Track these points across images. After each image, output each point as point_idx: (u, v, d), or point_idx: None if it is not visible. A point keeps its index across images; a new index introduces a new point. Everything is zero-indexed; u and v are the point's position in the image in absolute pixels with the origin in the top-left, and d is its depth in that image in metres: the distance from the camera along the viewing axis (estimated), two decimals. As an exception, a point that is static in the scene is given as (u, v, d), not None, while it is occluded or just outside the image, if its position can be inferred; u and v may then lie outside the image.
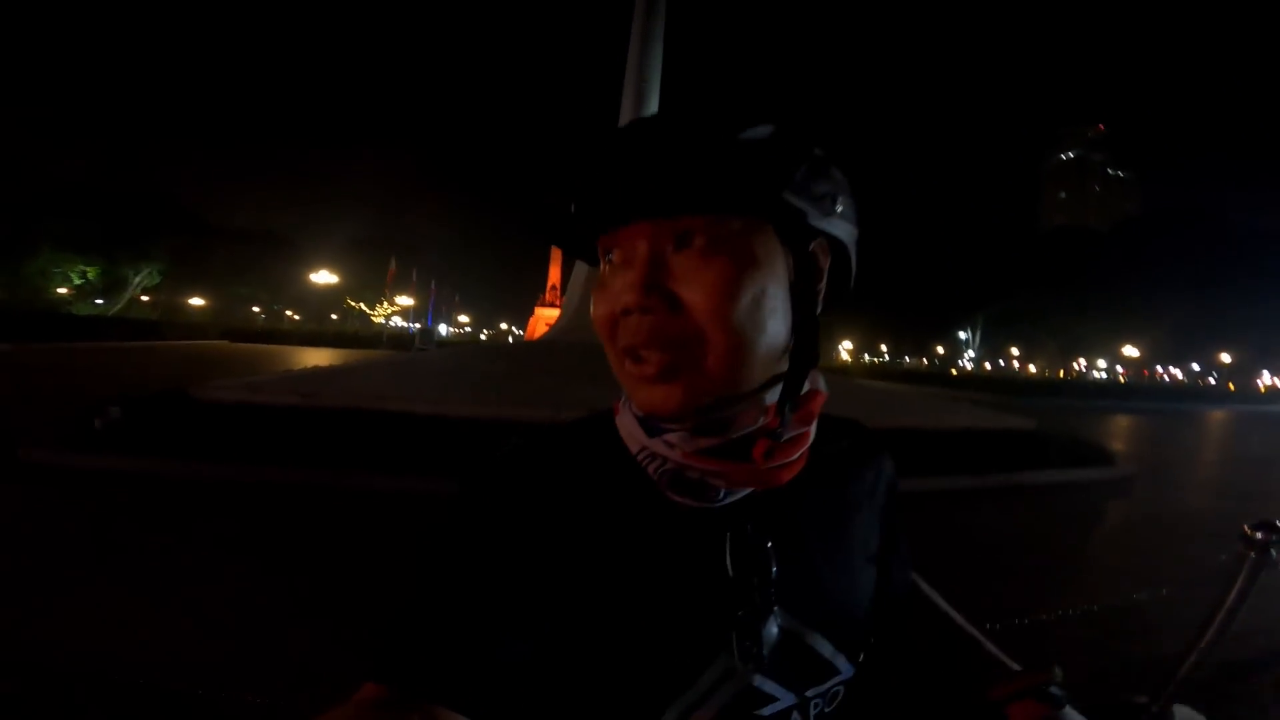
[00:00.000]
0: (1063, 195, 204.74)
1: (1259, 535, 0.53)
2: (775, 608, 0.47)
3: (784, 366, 0.47)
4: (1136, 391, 38.37)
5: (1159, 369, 69.75)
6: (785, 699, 0.47)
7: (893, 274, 67.51)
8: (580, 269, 14.54)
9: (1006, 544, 4.94)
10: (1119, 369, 69.59)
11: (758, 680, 0.46)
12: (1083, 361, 70.73)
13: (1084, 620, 3.29)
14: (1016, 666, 0.55)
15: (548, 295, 48.25)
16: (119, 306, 50.01)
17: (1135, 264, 54.86)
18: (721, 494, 0.46)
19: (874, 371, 47.54)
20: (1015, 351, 71.19)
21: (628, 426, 0.49)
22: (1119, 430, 16.26)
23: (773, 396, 0.47)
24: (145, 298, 54.38)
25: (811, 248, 0.48)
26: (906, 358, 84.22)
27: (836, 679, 0.50)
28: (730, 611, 0.45)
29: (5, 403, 9.27)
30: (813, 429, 0.49)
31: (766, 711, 0.47)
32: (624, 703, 0.44)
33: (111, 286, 49.83)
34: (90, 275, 47.19)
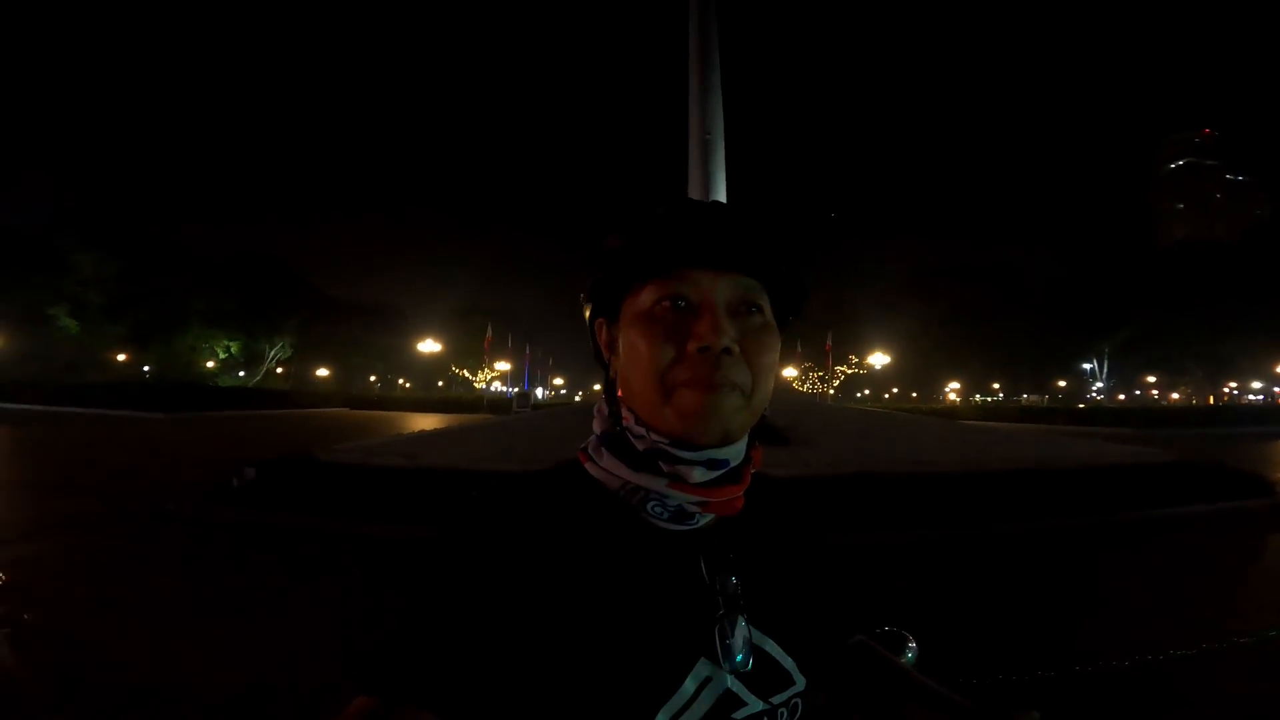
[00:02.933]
0: (1180, 206, 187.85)
1: None
2: (742, 616, 0.54)
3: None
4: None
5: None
6: (754, 705, 0.53)
7: (999, 306, 63.34)
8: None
9: (1135, 584, 4.46)
10: (1277, 390, 61.42)
11: (732, 684, 0.52)
12: (1233, 385, 63.05)
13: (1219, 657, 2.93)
14: (968, 703, 0.54)
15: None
16: (258, 378, 55.64)
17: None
18: (695, 518, 0.56)
19: (985, 411, 44.36)
20: (1152, 380, 64.58)
21: (608, 467, 0.57)
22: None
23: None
24: (279, 369, 60.22)
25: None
26: (1024, 395, 78.14)
27: (793, 689, 0.56)
28: (708, 615, 0.53)
29: (158, 464, 10.57)
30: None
31: (739, 715, 0.52)
32: (616, 710, 0.48)
33: (251, 360, 55.69)
34: (233, 349, 53.00)
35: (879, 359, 53.34)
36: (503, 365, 58.99)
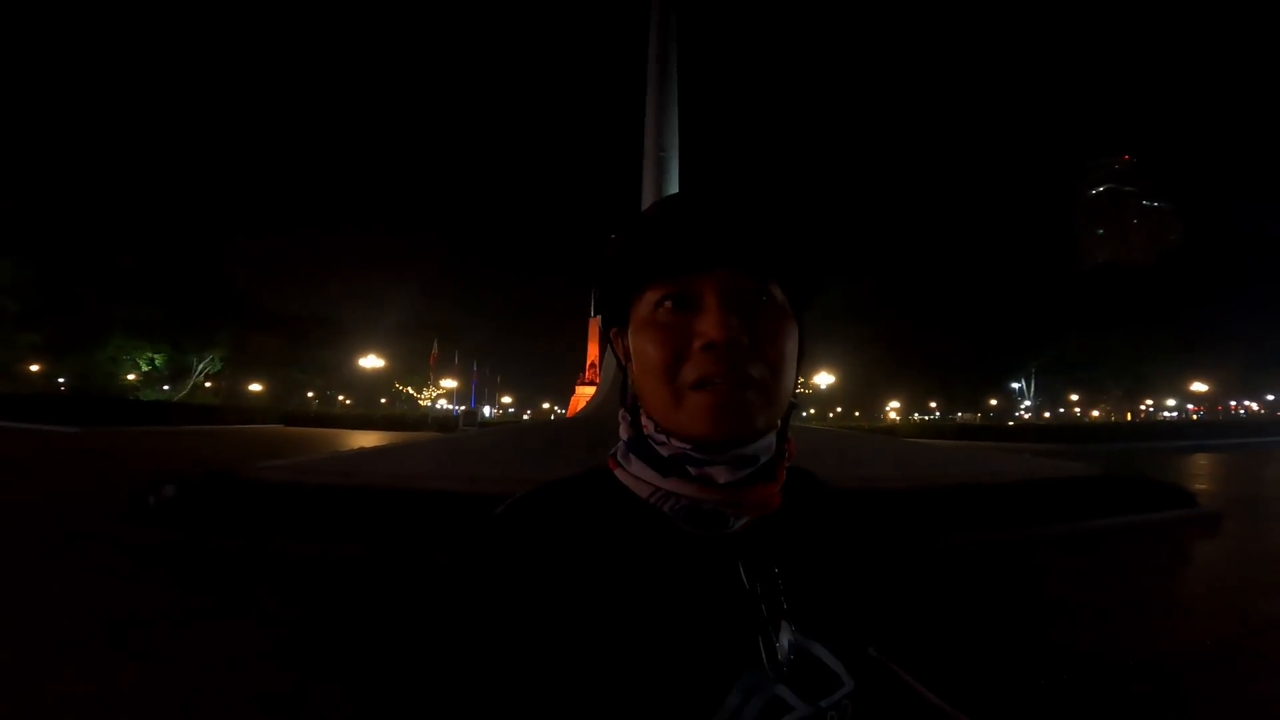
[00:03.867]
0: (1100, 232, 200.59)
1: None
2: (785, 620, 0.52)
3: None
4: (1212, 429, 36.03)
5: (1233, 403, 65.65)
6: (801, 709, 0.50)
7: (935, 328, 65.97)
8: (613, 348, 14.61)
9: (1072, 593, 4.57)
10: (1189, 407, 65.76)
11: (779, 689, 0.50)
12: (1150, 402, 67.16)
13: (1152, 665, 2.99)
14: None
15: (587, 374, 48.65)
16: (184, 392, 52.71)
17: (1196, 295, 52.42)
18: (730, 522, 0.53)
19: (925, 429, 45.73)
20: (1075, 397, 68.11)
21: (637, 473, 0.55)
22: (1196, 469, 15.29)
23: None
24: (208, 384, 57.20)
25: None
26: (959, 414, 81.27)
27: (843, 690, 0.53)
28: (751, 624, 0.51)
29: (70, 481, 9.73)
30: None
31: None
32: None
33: (177, 373, 52.72)
34: (158, 362, 50.12)
35: (824, 378, 54.56)
36: (449, 382, 57.76)
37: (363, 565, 4.96)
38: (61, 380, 47.39)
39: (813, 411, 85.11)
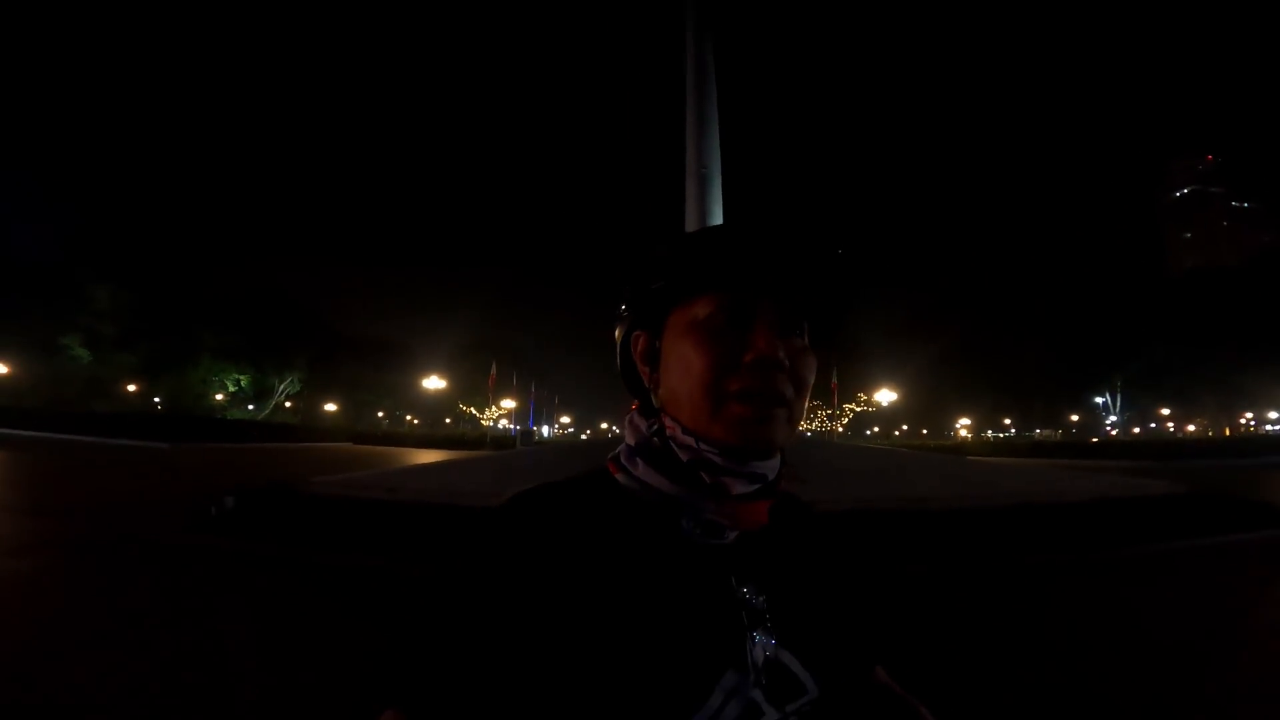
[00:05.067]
0: (1187, 235, 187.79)
1: None
2: (762, 629, 0.55)
3: None
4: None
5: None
6: (771, 714, 0.52)
7: (1009, 339, 62.98)
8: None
9: (1145, 619, 4.22)
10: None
11: (754, 694, 0.52)
12: (1249, 416, 61.87)
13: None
14: None
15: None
16: (266, 411, 55.93)
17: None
18: (725, 533, 0.57)
19: (997, 447, 43.46)
20: (1166, 412, 63.54)
21: (642, 476, 0.58)
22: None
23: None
24: (288, 404, 60.51)
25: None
26: (1037, 430, 77.02)
27: (806, 697, 0.55)
28: (736, 628, 0.53)
29: (153, 492, 10.52)
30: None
31: None
32: (644, 718, 0.48)
33: (260, 393, 56.01)
34: (243, 383, 53.38)
35: (885, 395, 52.94)
36: (508, 403, 59.09)
37: (387, 576, 5.12)
38: (157, 400, 51.00)
39: (876, 430, 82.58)
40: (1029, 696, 2.95)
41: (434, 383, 52.60)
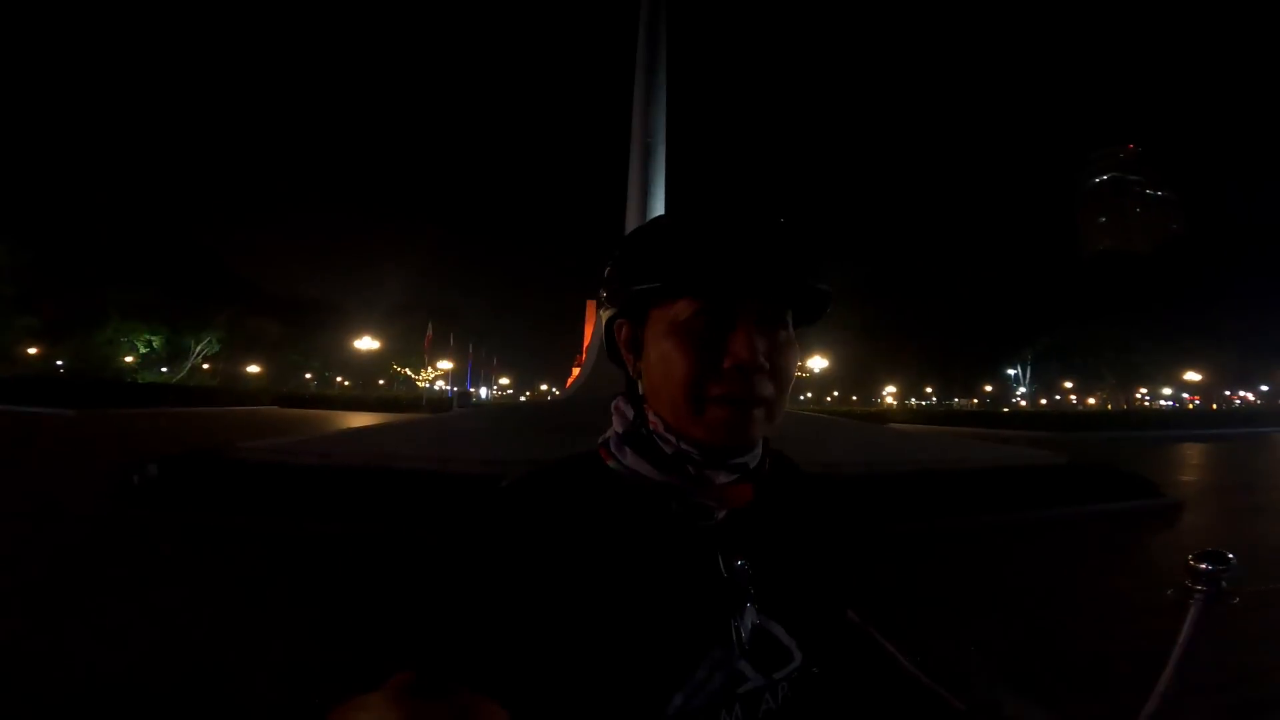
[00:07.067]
0: (1102, 220, 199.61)
1: (1205, 567, 0.47)
2: (750, 603, 0.57)
3: None
4: (1203, 419, 35.95)
5: (1228, 393, 65.89)
6: (756, 680, 0.56)
7: (932, 314, 66.17)
8: (599, 332, 14.77)
9: (1023, 579, 4.75)
10: (1185, 396, 66.00)
11: (741, 664, 0.55)
12: (1144, 391, 67.39)
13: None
14: (960, 705, 0.63)
15: (583, 355, 48.85)
16: (181, 374, 52.80)
17: (1192, 285, 52.45)
18: (712, 514, 0.59)
19: (917, 414, 46.01)
20: (1070, 385, 68.36)
21: (632, 465, 0.60)
22: (1176, 459, 15.39)
23: None
24: (206, 366, 57.32)
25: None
26: (956, 400, 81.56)
27: (793, 664, 0.59)
28: (725, 608, 0.56)
29: (62, 462, 9.97)
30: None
31: (743, 689, 0.56)
32: (636, 690, 0.52)
33: (175, 355, 52.80)
34: (155, 344, 50.17)
35: (818, 362, 54.70)
36: (445, 364, 57.93)
37: (326, 541, 5.17)
38: (60, 363, 47.52)
39: (809, 395, 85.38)
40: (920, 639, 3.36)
41: (366, 343, 50.89)
